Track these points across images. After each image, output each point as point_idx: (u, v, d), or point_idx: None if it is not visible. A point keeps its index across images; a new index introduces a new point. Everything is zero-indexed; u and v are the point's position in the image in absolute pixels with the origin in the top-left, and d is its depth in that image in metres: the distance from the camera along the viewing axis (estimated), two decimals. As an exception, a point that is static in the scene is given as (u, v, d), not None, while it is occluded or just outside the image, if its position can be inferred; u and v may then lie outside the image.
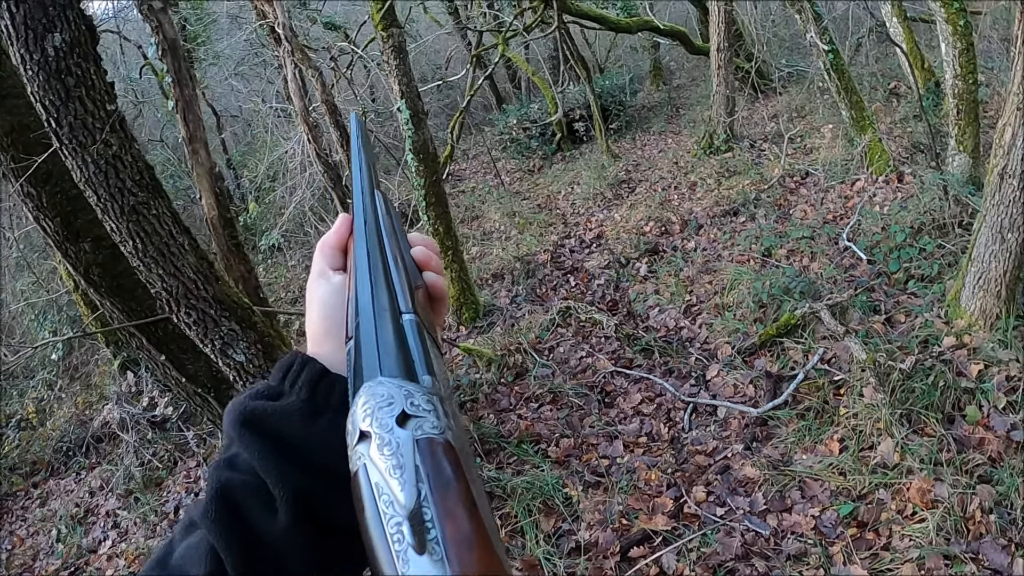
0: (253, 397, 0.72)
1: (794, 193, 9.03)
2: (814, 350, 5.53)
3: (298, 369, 0.74)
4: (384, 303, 0.69)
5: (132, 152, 3.96)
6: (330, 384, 0.73)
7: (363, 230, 0.79)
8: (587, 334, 6.96)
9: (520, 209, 11.40)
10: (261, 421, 0.70)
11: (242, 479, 0.68)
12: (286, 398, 0.72)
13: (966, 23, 7.08)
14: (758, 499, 4.48)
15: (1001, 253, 4.88)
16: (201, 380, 6.30)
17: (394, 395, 0.57)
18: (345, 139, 8.13)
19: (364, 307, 0.69)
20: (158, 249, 4.06)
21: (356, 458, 0.56)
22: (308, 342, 0.81)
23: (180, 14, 14.86)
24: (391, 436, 0.55)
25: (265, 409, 0.70)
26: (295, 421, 0.70)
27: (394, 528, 0.51)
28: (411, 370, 0.62)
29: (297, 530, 0.66)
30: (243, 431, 0.69)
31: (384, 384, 0.59)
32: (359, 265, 0.75)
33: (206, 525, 0.66)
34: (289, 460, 0.68)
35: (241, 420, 0.70)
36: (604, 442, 5.40)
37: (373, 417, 0.56)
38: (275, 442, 0.69)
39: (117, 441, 7.80)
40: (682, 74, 19.41)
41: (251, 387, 0.76)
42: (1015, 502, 3.93)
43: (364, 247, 0.77)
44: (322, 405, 0.71)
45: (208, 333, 4.37)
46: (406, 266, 0.78)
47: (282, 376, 0.74)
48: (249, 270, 6.84)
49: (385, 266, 0.74)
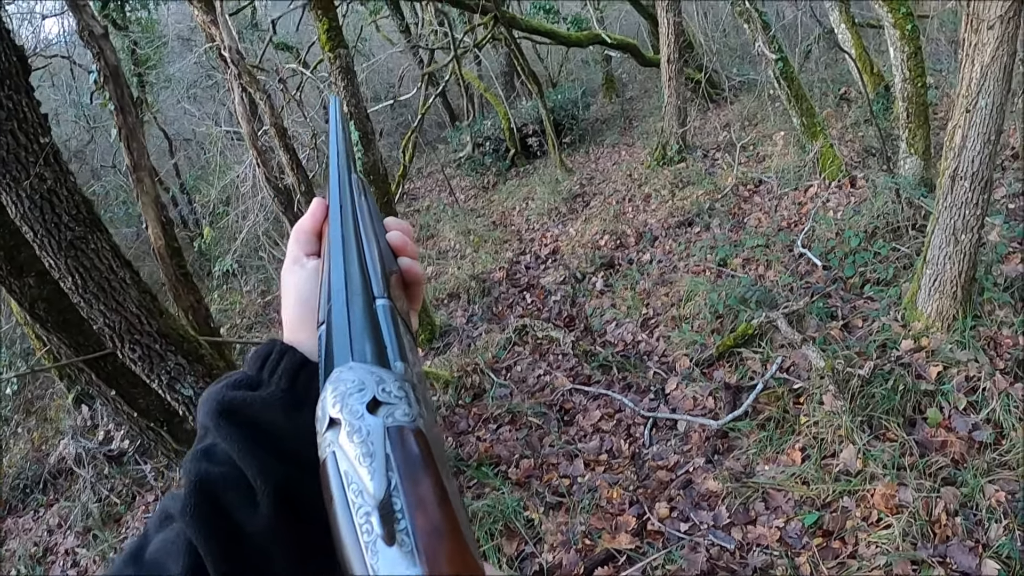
0: (230, 387, 0.70)
1: (748, 201, 9.03)
2: (772, 359, 5.50)
3: (277, 358, 0.72)
4: (357, 287, 0.68)
5: (68, 185, 3.86)
6: (310, 374, 0.70)
7: (338, 214, 0.78)
8: (544, 352, 6.88)
9: (475, 227, 11.34)
10: (240, 412, 0.67)
11: (221, 471, 0.65)
12: (265, 388, 0.70)
13: (913, 27, 7.12)
14: (722, 513, 4.43)
15: (955, 255, 4.88)
16: (153, 414, 6.17)
17: (365, 381, 0.56)
18: (296, 163, 8.01)
19: (337, 292, 0.68)
20: (98, 284, 3.96)
21: (325, 445, 0.54)
22: (284, 329, 0.78)
23: (130, 37, 14.71)
24: (361, 423, 0.53)
25: (244, 399, 0.68)
26: (275, 412, 0.68)
27: (363, 518, 0.49)
28: (383, 356, 0.60)
29: (279, 524, 0.64)
30: (221, 422, 0.67)
31: (355, 369, 0.57)
32: (333, 249, 0.74)
33: (185, 520, 0.63)
34: (270, 452, 0.65)
35: (219, 410, 0.67)
36: (564, 461, 5.31)
37: (343, 403, 0.54)
38: (255, 433, 0.66)
39: (74, 477, 7.64)
40: (634, 86, 19.47)
41: (226, 376, 0.73)
42: (980, 503, 3.92)
43: (339, 231, 0.75)
44: (302, 395, 0.69)
45: (154, 368, 4.27)
46: (381, 251, 0.76)
47: (260, 365, 0.72)
48: (199, 300, 6.70)
49: (360, 250, 0.73)
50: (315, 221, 0.83)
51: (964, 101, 4.54)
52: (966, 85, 4.52)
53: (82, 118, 14.96)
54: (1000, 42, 4.27)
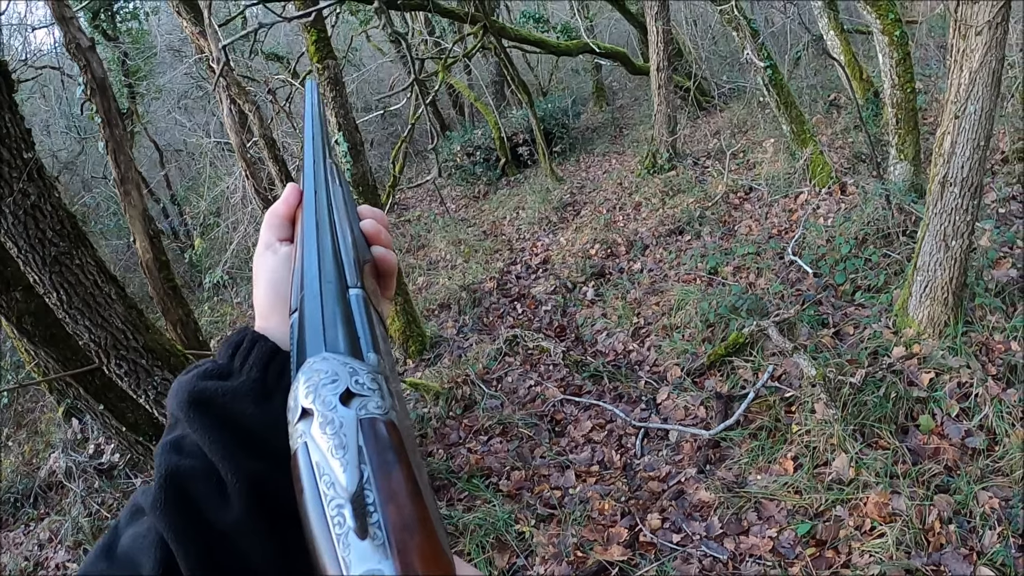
0: (201, 377, 0.68)
1: (738, 209, 9.02)
2: (764, 368, 5.47)
3: (248, 347, 0.70)
4: (331, 276, 0.66)
5: (52, 200, 3.82)
6: (281, 363, 0.69)
7: (312, 200, 0.77)
8: (535, 362, 6.85)
9: (466, 237, 11.30)
10: (211, 402, 0.66)
11: (190, 464, 0.64)
12: (236, 378, 0.68)
13: (902, 33, 7.12)
14: (714, 523, 4.40)
15: (946, 261, 4.87)
16: (142, 428, 6.13)
17: (338, 372, 0.55)
18: (285, 174, 7.99)
19: (310, 280, 0.66)
20: (83, 300, 3.93)
21: (297, 436, 0.53)
22: (256, 316, 0.77)
23: (120, 48, 14.67)
24: (334, 415, 0.52)
25: (216, 390, 0.66)
26: (246, 403, 0.66)
27: (335, 510, 0.49)
28: (356, 347, 0.59)
29: (252, 518, 0.62)
30: (191, 413, 0.65)
31: (328, 360, 0.56)
32: (307, 236, 0.72)
33: (155, 515, 0.62)
34: (242, 444, 0.64)
35: (188, 400, 0.65)
36: (556, 473, 5.27)
37: (316, 394, 0.54)
38: (227, 425, 0.65)
39: (65, 491, 7.57)
40: (625, 94, 19.48)
41: (197, 364, 0.71)
42: (974, 510, 3.92)
43: (313, 218, 0.74)
44: (274, 385, 0.67)
45: (141, 384, 4.23)
46: (355, 239, 0.75)
47: (231, 354, 0.70)
48: (187, 313, 6.67)
49: (334, 238, 0.72)
50: (288, 207, 0.82)
51: (953, 107, 4.53)
52: (955, 91, 4.51)
53: (73, 129, 14.92)
54: (988, 48, 4.26)
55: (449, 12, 12.99)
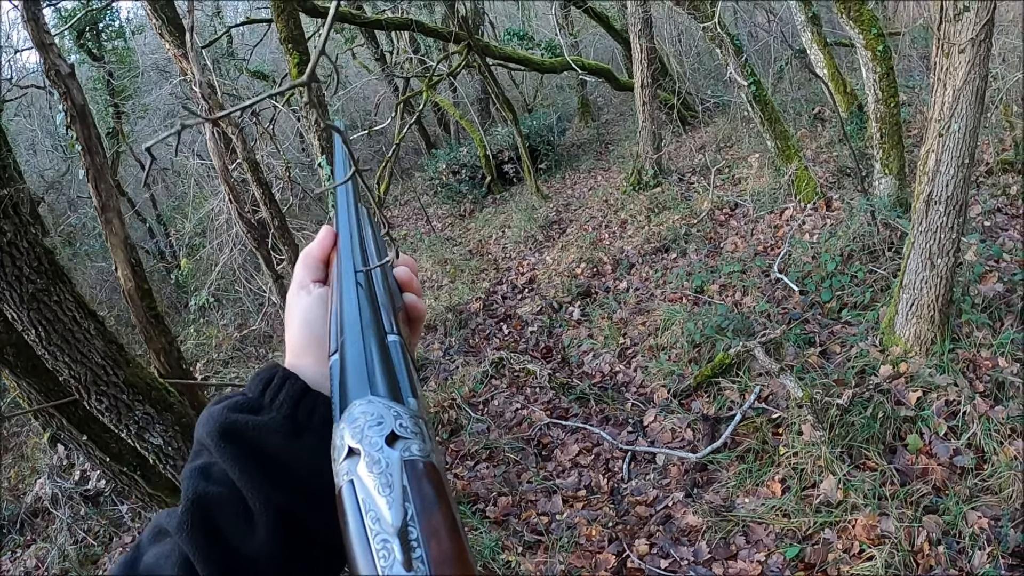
0: (232, 409, 0.71)
1: (724, 226, 9.00)
2: (750, 389, 5.44)
3: (279, 383, 0.73)
4: (370, 322, 0.70)
5: (28, 237, 3.78)
6: (312, 402, 0.72)
7: (348, 245, 0.82)
8: (521, 385, 6.80)
9: (452, 256, 11.26)
10: (242, 435, 0.69)
11: (219, 491, 0.67)
12: (266, 412, 0.71)
13: (885, 48, 7.12)
14: (702, 548, 4.36)
15: (932, 279, 4.85)
16: (126, 459, 6.05)
17: (384, 415, 0.58)
18: (269, 197, 7.94)
19: (351, 324, 0.70)
20: (62, 336, 3.88)
21: (343, 474, 0.56)
22: (287, 353, 0.80)
23: (105, 68, 14.63)
24: (381, 455, 0.55)
25: (247, 423, 0.69)
26: (276, 437, 0.69)
27: (380, 544, 0.51)
28: (397, 391, 0.62)
29: (276, 546, 0.66)
30: (223, 443, 0.68)
31: (374, 403, 0.59)
32: (345, 282, 0.76)
33: (182, 538, 0.65)
34: (270, 476, 0.67)
35: (220, 431, 0.69)
36: (543, 498, 5.22)
37: (363, 435, 0.57)
38: (257, 458, 0.68)
39: (51, 517, 7.51)
40: (610, 109, 19.51)
41: (226, 395, 0.75)
42: (963, 531, 3.89)
43: (351, 263, 0.78)
44: (303, 422, 0.70)
45: (122, 418, 4.19)
46: (389, 285, 0.80)
47: (262, 389, 0.73)
48: (170, 342, 6.58)
49: (371, 285, 0.76)
50: (323, 249, 0.87)
51: (937, 125, 4.52)
52: (938, 109, 4.49)
53: (59, 148, 14.87)
54: (972, 65, 4.25)
55: (433, 31, 13.02)
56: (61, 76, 5.91)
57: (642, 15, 10.84)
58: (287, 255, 8.13)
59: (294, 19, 7.05)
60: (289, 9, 6.89)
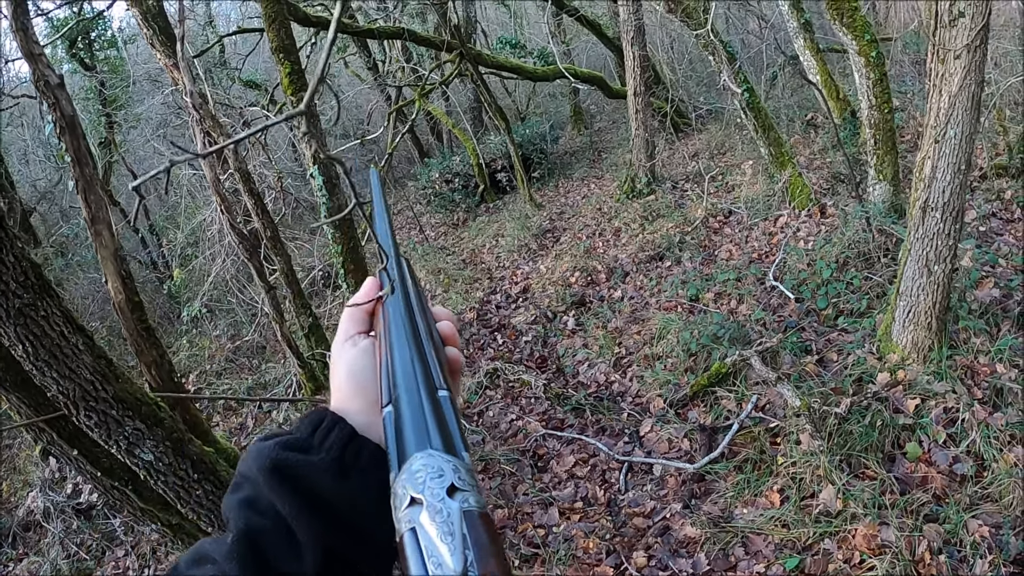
0: (282, 447, 0.74)
1: (718, 233, 8.98)
2: (747, 398, 5.40)
3: (328, 426, 0.76)
4: (422, 378, 0.73)
5: (15, 251, 3.71)
6: (358, 446, 0.75)
7: (397, 300, 0.86)
8: (516, 395, 6.76)
9: (445, 266, 11.22)
10: (293, 472, 0.72)
11: (267, 524, 0.71)
12: (315, 453, 0.74)
13: (878, 54, 7.11)
14: (701, 560, 4.31)
15: (929, 286, 4.82)
16: (118, 473, 5.98)
17: (444, 468, 0.61)
18: (261, 207, 7.89)
19: (404, 379, 0.73)
20: (50, 352, 3.82)
21: (405, 521, 0.59)
22: (333, 398, 0.84)
23: (97, 77, 14.57)
24: (443, 505, 0.58)
25: (298, 461, 0.73)
26: (326, 477, 0.72)
27: None
28: (451, 445, 0.64)
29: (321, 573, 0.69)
30: (273, 480, 0.72)
31: (434, 457, 0.62)
32: (396, 336, 0.80)
33: (231, 566, 0.68)
34: (319, 513, 0.71)
35: (271, 467, 0.72)
36: (539, 510, 5.17)
37: (425, 486, 0.60)
38: (306, 495, 0.71)
39: (43, 531, 7.45)
40: (603, 117, 19.51)
41: (274, 433, 0.78)
42: (964, 539, 3.85)
43: (400, 319, 0.82)
44: (350, 464, 0.74)
45: (112, 434, 4.12)
46: (434, 339, 0.83)
47: (311, 430, 0.76)
48: (161, 355, 6.52)
49: (418, 340, 0.79)
50: (370, 301, 0.91)
51: (933, 132, 4.49)
52: (934, 115, 4.46)
53: (51, 158, 14.83)
54: (967, 71, 4.22)
55: (426, 40, 13.00)
56: (50, 87, 5.85)
57: (635, 23, 10.82)
58: (280, 265, 8.08)
59: (285, 28, 7.03)
60: (280, 18, 6.86)
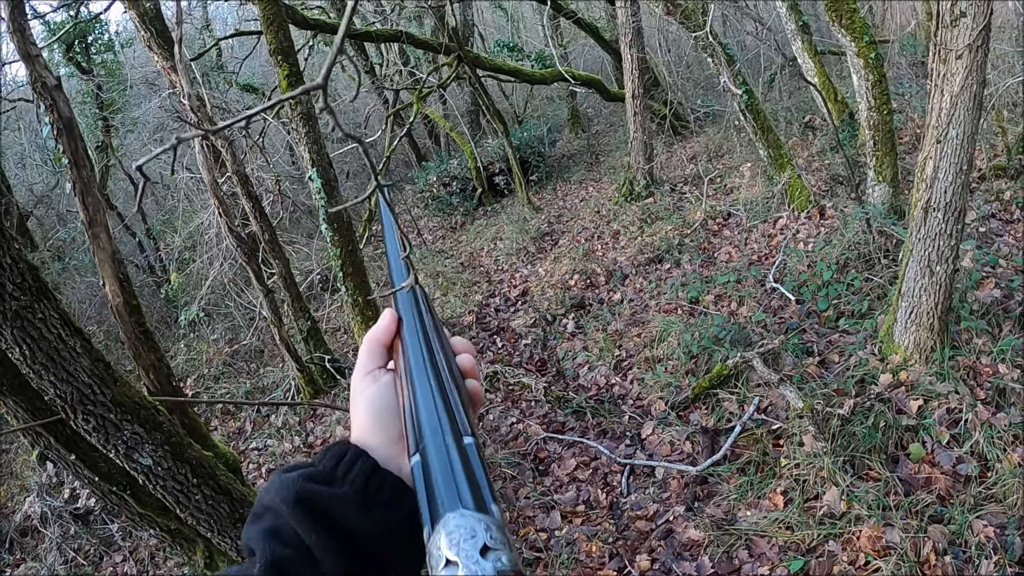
0: (306, 478, 0.76)
1: (717, 235, 8.96)
2: (749, 400, 5.37)
3: (352, 459, 0.78)
4: (447, 425, 0.72)
5: (12, 253, 3.67)
6: (381, 479, 0.77)
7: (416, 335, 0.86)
8: (516, 398, 6.74)
9: (444, 269, 11.21)
10: (318, 505, 0.74)
11: (292, 554, 0.73)
12: (339, 486, 0.76)
13: (877, 55, 7.11)
14: (704, 563, 4.28)
15: (931, 286, 4.80)
16: (116, 478, 5.95)
17: (476, 528, 0.61)
18: (259, 211, 7.88)
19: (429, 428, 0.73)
20: (47, 355, 3.78)
21: None
22: (353, 430, 0.85)
23: (94, 81, 14.54)
24: (477, 567, 0.58)
25: (322, 493, 0.75)
26: (350, 510, 0.74)
27: None
28: (481, 500, 0.65)
29: None
30: (299, 511, 0.73)
31: (466, 517, 0.62)
32: (417, 378, 0.80)
33: None
34: (344, 546, 0.73)
35: (295, 499, 0.74)
36: (541, 514, 5.14)
37: (459, 548, 0.60)
38: (329, 524, 0.73)
39: (41, 536, 7.42)
40: (600, 120, 19.50)
41: (296, 465, 0.80)
42: (969, 540, 3.83)
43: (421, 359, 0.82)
44: (372, 496, 0.76)
45: (110, 439, 4.08)
46: (455, 376, 0.82)
47: (335, 463, 0.78)
48: (159, 358, 6.48)
49: (441, 383, 0.78)
50: (388, 335, 0.91)
51: (935, 132, 4.47)
52: (936, 115, 4.45)
53: (48, 162, 14.79)
54: (969, 71, 4.21)
55: (423, 43, 12.97)
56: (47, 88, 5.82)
57: (633, 25, 10.81)
58: (278, 269, 8.06)
59: (284, 31, 7.00)
60: (279, 21, 6.84)
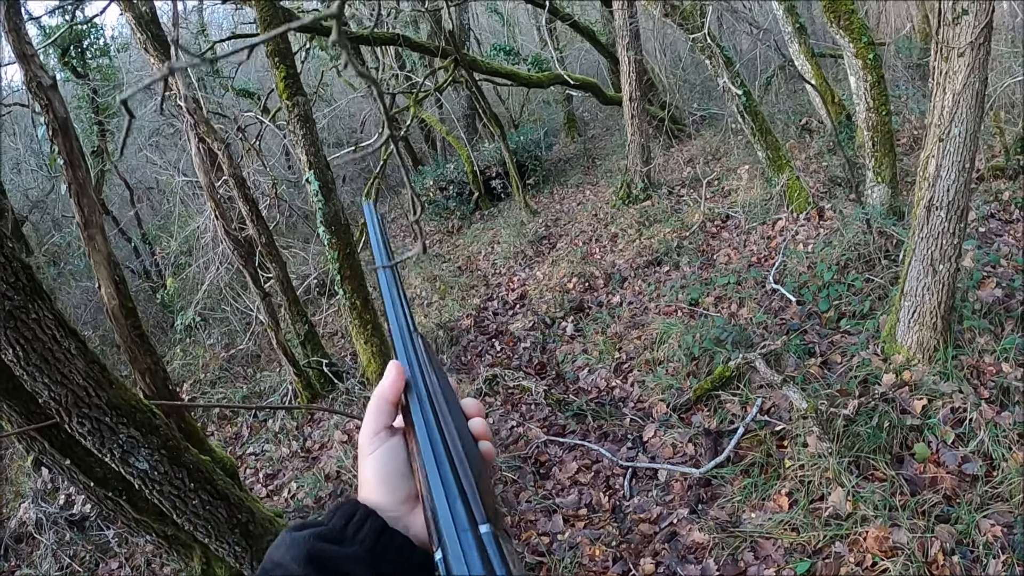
0: (317, 538, 0.78)
1: (716, 238, 8.94)
2: (752, 401, 5.34)
3: (361, 519, 0.81)
4: (461, 516, 0.73)
5: (5, 252, 3.63)
6: (389, 538, 0.80)
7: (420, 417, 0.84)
8: (516, 402, 6.70)
9: (441, 273, 11.19)
10: (328, 563, 0.76)
11: None
12: (349, 545, 0.78)
13: (875, 56, 7.10)
14: (710, 565, 4.25)
15: (934, 285, 4.78)
16: (111, 483, 5.90)
17: None
18: (256, 214, 7.85)
19: (444, 523, 0.73)
20: (41, 356, 3.73)
21: None
22: (360, 488, 0.87)
23: (90, 85, 14.50)
24: None
25: (333, 552, 0.77)
26: (360, 568, 0.77)
27: None
28: None
29: None
30: (310, 569, 0.75)
31: None
32: (428, 466, 0.79)
33: None
34: None
35: (307, 558, 0.76)
36: (543, 518, 5.10)
37: None
38: None
39: (36, 542, 7.38)
40: (596, 124, 19.50)
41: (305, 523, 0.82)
42: (976, 539, 3.81)
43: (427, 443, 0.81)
44: (382, 556, 0.79)
45: (105, 442, 4.04)
46: (467, 451, 0.80)
47: (344, 523, 0.81)
48: (156, 362, 6.44)
49: (451, 462, 0.78)
50: (395, 392, 0.88)
51: (937, 130, 4.45)
52: (938, 114, 4.43)
53: (43, 167, 14.75)
54: (971, 69, 4.19)
55: (420, 46, 12.95)
56: (43, 88, 5.78)
57: (630, 28, 10.80)
58: (274, 273, 8.02)
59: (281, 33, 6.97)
60: (276, 22, 6.81)
